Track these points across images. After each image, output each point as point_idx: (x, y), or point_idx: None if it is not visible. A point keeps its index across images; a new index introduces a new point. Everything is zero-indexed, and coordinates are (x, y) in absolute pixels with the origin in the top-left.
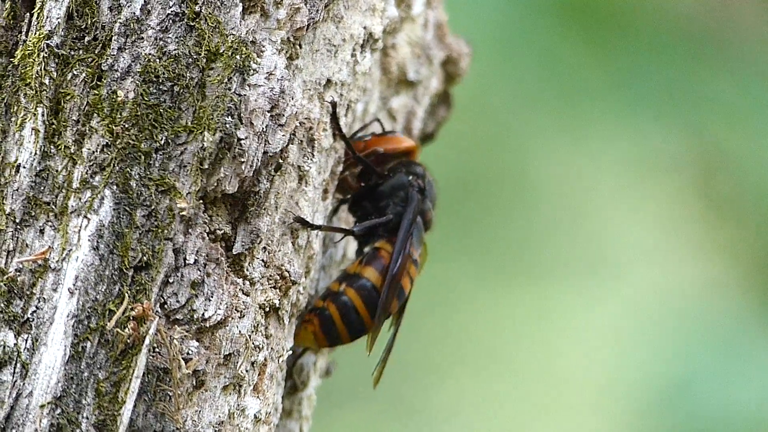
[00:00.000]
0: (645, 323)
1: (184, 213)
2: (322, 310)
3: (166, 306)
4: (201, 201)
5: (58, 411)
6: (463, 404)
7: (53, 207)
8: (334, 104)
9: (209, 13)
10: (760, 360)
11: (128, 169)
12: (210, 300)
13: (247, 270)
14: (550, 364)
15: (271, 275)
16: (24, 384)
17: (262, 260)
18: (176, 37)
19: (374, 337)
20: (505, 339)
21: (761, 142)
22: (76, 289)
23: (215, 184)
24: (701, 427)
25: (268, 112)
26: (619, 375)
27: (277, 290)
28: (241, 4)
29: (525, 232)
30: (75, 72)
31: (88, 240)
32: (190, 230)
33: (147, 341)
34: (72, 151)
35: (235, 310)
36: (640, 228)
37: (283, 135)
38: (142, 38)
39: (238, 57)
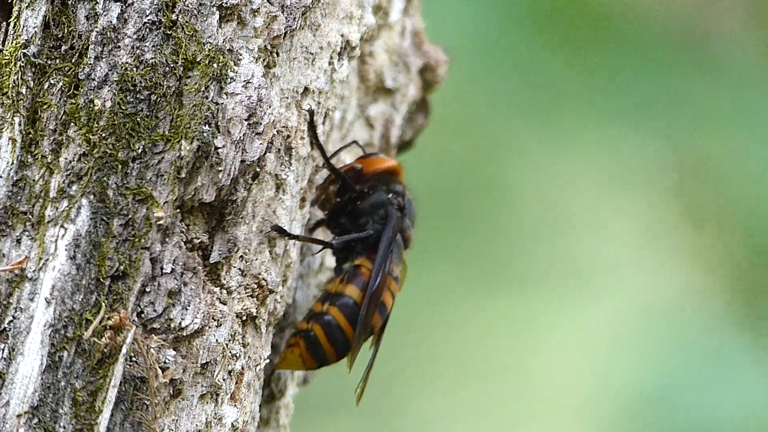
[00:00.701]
0: (627, 332)
1: (161, 222)
2: (306, 331)
3: (143, 315)
4: (178, 210)
5: (35, 420)
6: (444, 414)
7: (30, 216)
8: (311, 112)
9: (186, 22)
10: (742, 368)
11: (105, 179)
12: (187, 309)
13: (224, 279)
14: (532, 373)
15: (248, 284)
16: (0, 393)
17: (240, 269)
18: (153, 46)
19: (354, 355)
20: (487, 349)
21: (742, 150)
22: (53, 298)
23: (192, 192)
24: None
25: (246, 120)
26: (602, 383)
27: (255, 299)
28: (218, 13)
29: (505, 241)
30: (52, 81)
31: (65, 249)
32: (167, 239)
33: (124, 350)
34: (49, 161)
35: (212, 318)
36: (620, 237)
37: (261, 143)
38: (119, 47)
39: (215, 65)
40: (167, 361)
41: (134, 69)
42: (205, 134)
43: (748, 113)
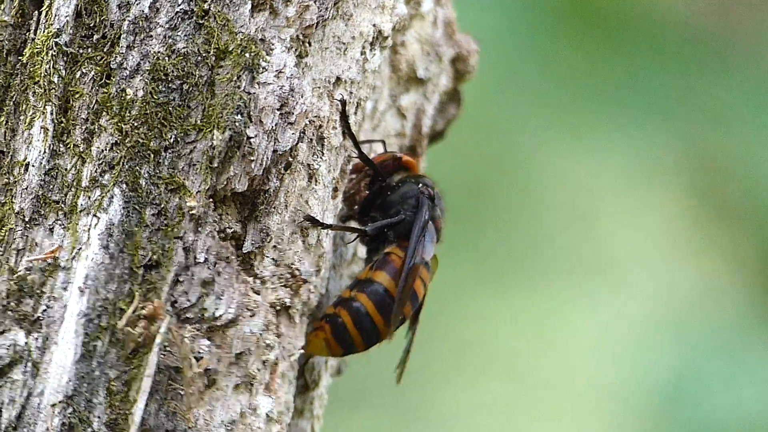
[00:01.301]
0: (646, 328)
1: (193, 211)
2: (333, 316)
3: (176, 305)
4: (211, 199)
5: (70, 410)
6: (463, 408)
7: (62, 206)
8: (343, 102)
9: (218, 11)
10: (760, 365)
11: (137, 168)
12: (221, 299)
13: (257, 269)
14: (552, 368)
15: (281, 274)
16: (35, 383)
17: (273, 259)
18: (185, 35)
19: (393, 328)
20: (511, 343)
21: (762, 147)
22: (86, 287)
23: (225, 182)
24: (701, 429)
25: (278, 110)
26: (625, 378)
27: (288, 289)
28: (250, 2)
29: (525, 236)
30: (84, 70)
31: (98, 239)
32: (200, 229)
33: (158, 340)
34: (81, 150)
35: (246, 308)
36: (640, 233)
37: (293, 133)
38: (151, 36)
39: (247, 55)
40: (201, 351)
41: (166, 58)
42: (237, 124)
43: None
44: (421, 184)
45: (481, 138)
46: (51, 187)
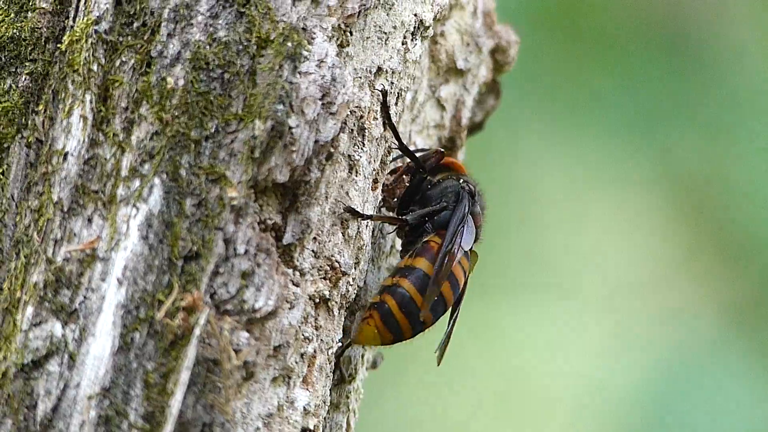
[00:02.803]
0: (612, 341)
1: (234, 202)
2: (380, 304)
3: (215, 296)
4: (251, 190)
5: (107, 402)
6: (407, 416)
7: (101, 195)
8: (384, 92)
9: (259, 0)
10: (727, 381)
11: (178, 158)
12: (260, 291)
13: (297, 260)
14: (503, 378)
15: (321, 266)
16: (71, 375)
17: (312, 251)
18: (226, 24)
19: (428, 305)
20: (466, 353)
21: (741, 159)
22: (124, 278)
23: (266, 173)
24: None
25: (320, 100)
26: (580, 387)
27: (327, 281)
28: None
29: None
30: (123, 58)
31: (137, 229)
32: (240, 220)
33: (197, 332)
34: (121, 139)
35: (285, 301)
36: (609, 244)
37: (335, 123)
38: (192, 24)
39: (289, 44)
40: (240, 343)
41: (207, 47)
42: (278, 114)
43: (751, 120)
44: (462, 181)
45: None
46: (90, 176)
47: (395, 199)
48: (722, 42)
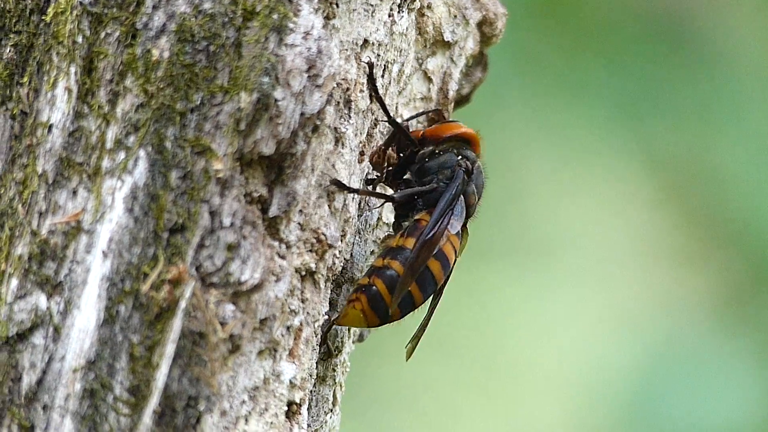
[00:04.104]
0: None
1: (220, 175)
2: (368, 286)
3: (201, 269)
4: (237, 163)
5: (92, 375)
6: (401, 388)
7: (86, 168)
8: (371, 65)
9: None
10: (715, 370)
11: (163, 130)
12: (246, 263)
13: (283, 233)
14: (496, 351)
15: (307, 238)
16: (56, 348)
17: (299, 223)
18: None
19: (399, 296)
20: (449, 325)
21: (736, 149)
22: (110, 251)
23: (252, 145)
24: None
25: (305, 72)
26: (568, 363)
27: (314, 254)
28: None
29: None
30: (108, 30)
31: (123, 202)
32: (226, 192)
33: (182, 305)
34: (105, 111)
35: (272, 273)
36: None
37: (321, 96)
38: None
39: (274, 16)
40: (226, 316)
41: (192, 19)
42: (264, 86)
43: (746, 112)
44: (461, 156)
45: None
46: (75, 149)
47: (383, 168)
48: (711, 28)
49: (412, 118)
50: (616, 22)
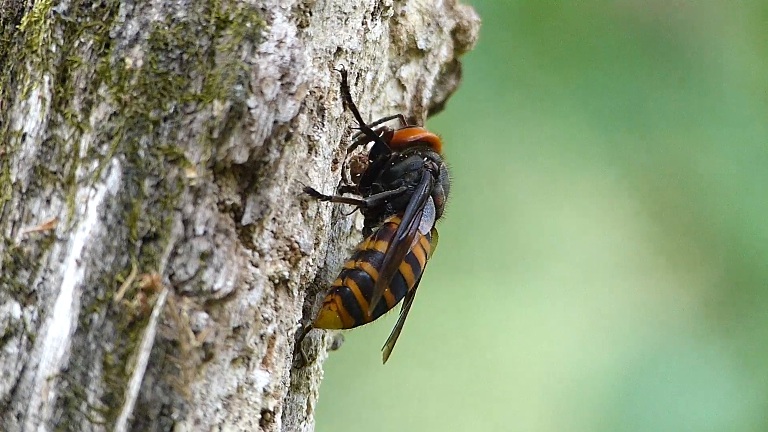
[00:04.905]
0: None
1: (193, 183)
2: (342, 288)
3: (174, 277)
4: (210, 171)
5: (65, 384)
6: (382, 396)
7: (60, 176)
8: (344, 73)
9: None
10: (699, 375)
11: (136, 138)
12: (219, 271)
13: (256, 241)
14: (475, 359)
15: (280, 247)
16: (30, 356)
17: (272, 231)
18: (185, 4)
19: (376, 299)
20: (434, 336)
21: (715, 154)
22: (83, 260)
23: (225, 153)
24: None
25: (279, 80)
26: (553, 372)
27: (287, 262)
28: None
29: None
30: (82, 39)
31: (96, 210)
32: (199, 200)
33: (155, 313)
34: (79, 120)
35: (245, 282)
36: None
37: (294, 104)
38: (151, 5)
39: (248, 24)
40: (199, 324)
41: (166, 27)
42: (237, 94)
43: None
44: (426, 158)
45: None
46: (48, 157)
47: (357, 175)
48: (690, 38)
49: (374, 124)
50: (594, 32)
